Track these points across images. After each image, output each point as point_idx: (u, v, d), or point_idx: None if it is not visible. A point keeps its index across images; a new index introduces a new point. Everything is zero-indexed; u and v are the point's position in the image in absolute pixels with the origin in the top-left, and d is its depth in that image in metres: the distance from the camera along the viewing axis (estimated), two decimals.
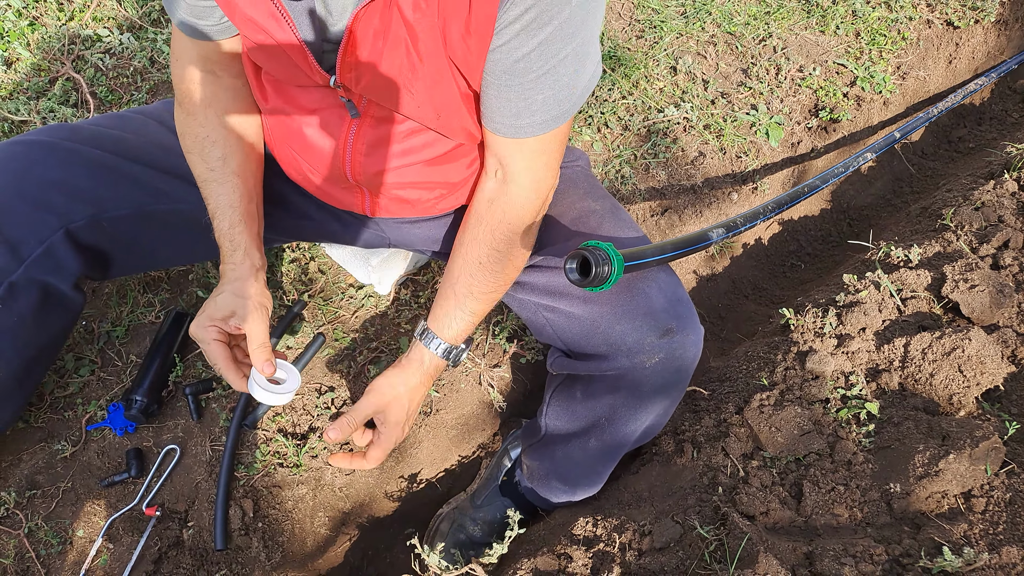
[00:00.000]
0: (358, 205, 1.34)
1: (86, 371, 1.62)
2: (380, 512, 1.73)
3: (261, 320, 1.17)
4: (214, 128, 1.22)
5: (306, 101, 1.17)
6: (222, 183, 1.22)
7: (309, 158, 1.25)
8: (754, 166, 2.21)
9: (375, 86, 1.07)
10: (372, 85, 1.07)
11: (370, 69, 1.05)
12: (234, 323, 1.17)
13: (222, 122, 1.23)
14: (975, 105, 2.76)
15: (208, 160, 1.22)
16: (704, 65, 2.38)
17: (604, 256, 1.07)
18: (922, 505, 1.36)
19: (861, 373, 1.57)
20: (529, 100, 1.06)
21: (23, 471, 1.50)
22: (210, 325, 1.16)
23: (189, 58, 1.20)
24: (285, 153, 1.30)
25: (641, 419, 1.32)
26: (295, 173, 1.33)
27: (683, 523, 1.35)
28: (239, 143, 1.25)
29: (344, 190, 1.30)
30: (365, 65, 1.04)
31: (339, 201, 1.35)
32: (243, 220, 1.22)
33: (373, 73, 1.05)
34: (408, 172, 1.23)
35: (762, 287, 2.28)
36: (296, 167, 1.31)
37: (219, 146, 1.22)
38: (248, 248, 1.21)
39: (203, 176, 1.23)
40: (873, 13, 2.56)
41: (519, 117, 1.08)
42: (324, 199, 1.37)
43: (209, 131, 1.22)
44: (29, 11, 2.22)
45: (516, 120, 1.09)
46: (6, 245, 1.19)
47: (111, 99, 2.04)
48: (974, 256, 1.77)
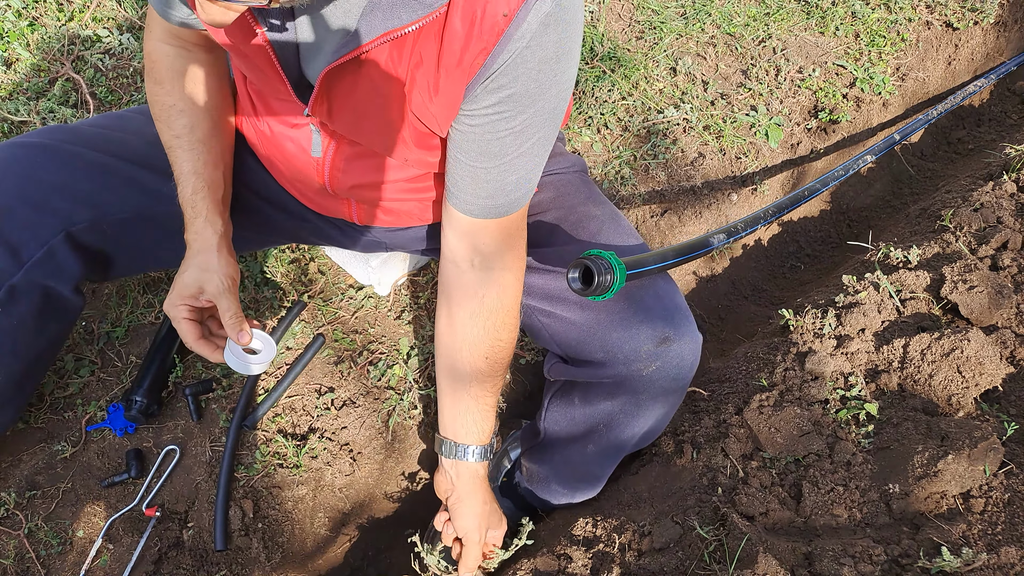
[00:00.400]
0: (346, 214, 1.35)
1: (86, 372, 1.62)
2: (380, 513, 1.74)
3: (230, 292, 1.17)
4: (180, 97, 1.22)
5: (286, 114, 1.18)
6: (187, 150, 1.21)
7: (291, 169, 1.26)
8: (754, 167, 2.21)
9: (345, 128, 1.09)
10: (343, 127, 1.09)
11: (340, 115, 1.06)
12: (204, 299, 1.17)
13: (190, 91, 1.23)
14: (974, 107, 2.77)
15: (174, 128, 1.21)
16: (704, 66, 2.38)
17: (606, 265, 1.07)
18: (921, 505, 1.37)
19: (860, 374, 1.58)
20: (503, 181, 1.07)
21: (23, 472, 1.50)
22: (180, 304, 1.17)
23: (162, 30, 1.20)
24: (271, 163, 1.31)
25: (639, 425, 1.32)
26: (284, 182, 1.34)
27: (683, 524, 1.35)
28: (206, 112, 1.24)
29: (330, 199, 1.31)
30: (337, 111, 1.06)
31: (328, 209, 1.35)
32: (206, 186, 1.21)
33: (343, 119, 1.07)
34: (389, 188, 1.24)
35: (762, 288, 2.29)
36: (282, 176, 1.32)
37: (186, 115, 1.21)
38: (210, 215, 1.20)
39: (168, 143, 1.22)
40: (872, 15, 2.57)
41: (494, 198, 1.09)
42: (315, 208, 1.37)
43: (176, 99, 1.21)
44: (29, 11, 2.22)
45: (491, 200, 1.09)
46: (7, 248, 1.19)
47: (111, 99, 2.04)
48: (973, 257, 1.77)
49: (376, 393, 1.68)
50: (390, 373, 1.69)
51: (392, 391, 1.69)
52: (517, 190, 1.09)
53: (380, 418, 1.66)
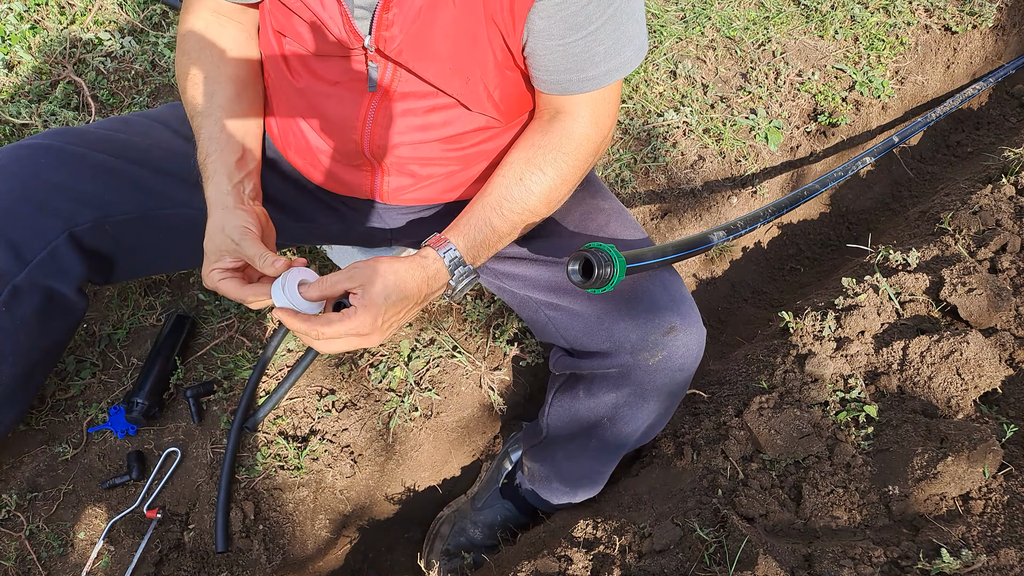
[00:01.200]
0: (366, 186, 1.32)
1: (87, 373, 1.62)
2: (380, 514, 1.74)
3: (246, 239, 1.12)
4: (203, 66, 1.22)
5: (328, 74, 1.17)
6: (206, 116, 1.21)
7: (326, 133, 1.25)
8: (753, 170, 2.21)
9: (408, 46, 1.08)
10: (406, 44, 1.08)
11: (406, 27, 1.05)
12: (231, 261, 1.14)
13: (214, 60, 1.23)
14: (973, 110, 2.77)
15: (195, 95, 1.22)
16: (703, 69, 2.39)
17: (606, 257, 1.08)
18: (920, 507, 1.37)
19: (860, 376, 1.58)
20: (592, 52, 1.09)
21: (24, 473, 1.50)
22: (209, 271, 1.14)
23: (202, 5, 1.23)
24: (297, 135, 1.30)
25: (642, 418, 1.32)
26: (303, 159, 1.33)
27: (683, 525, 1.35)
28: (228, 80, 1.24)
29: (354, 169, 1.29)
30: (401, 23, 1.05)
31: (346, 185, 1.33)
32: (219, 149, 1.20)
33: (408, 32, 1.06)
34: (424, 148, 1.23)
35: (761, 290, 2.29)
36: (306, 149, 1.30)
37: (207, 82, 1.22)
38: (216, 176, 1.18)
39: (191, 112, 1.23)
40: (871, 18, 2.58)
41: (583, 71, 1.11)
42: (330, 186, 1.35)
43: (199, 68, 1.22)
44: (31, 14, 2.23)
45: (581, 74, 1.12)
46: (10, 248, 1.19)
47: (112, 102, 2.05)
48: (972, 260, 1.78)
49: (377, 395, 1.69)
50: (391, 375, 1.70)
51: (393, 393, 1.69)
52: (607, 61, 1.11)
53: (381, 420, 1.66)
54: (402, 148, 1.22)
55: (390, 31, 1.06)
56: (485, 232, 1.17)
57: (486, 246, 1.18)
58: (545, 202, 1.21)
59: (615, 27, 1.09)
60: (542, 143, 1.18)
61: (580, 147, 1.19)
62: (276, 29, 1.19)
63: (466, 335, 1.80)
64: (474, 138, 1.25)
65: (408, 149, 1.23)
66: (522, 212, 1.19)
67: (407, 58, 1.09)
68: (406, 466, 1.72)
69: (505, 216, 1.18)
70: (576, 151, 1.19)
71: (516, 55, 1.13)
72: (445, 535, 1.69)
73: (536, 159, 1.18)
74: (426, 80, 1.13)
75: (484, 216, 1.17)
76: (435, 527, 1.73)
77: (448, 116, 1.19)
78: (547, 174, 1.18)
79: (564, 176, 1.20)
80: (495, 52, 1.10)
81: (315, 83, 1.20)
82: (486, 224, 1.17)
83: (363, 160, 1.26)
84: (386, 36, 1.07)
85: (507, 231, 1.20)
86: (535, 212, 1.20)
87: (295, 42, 1.17)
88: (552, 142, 1.18)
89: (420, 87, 1.15)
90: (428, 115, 1.19)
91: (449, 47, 1.08)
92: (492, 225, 1.17)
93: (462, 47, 1.08)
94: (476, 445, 1.85)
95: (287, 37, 1.18)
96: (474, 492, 1.75)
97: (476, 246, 1.16)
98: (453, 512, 1.73)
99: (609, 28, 1.08)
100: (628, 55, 1.13)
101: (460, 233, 1.15)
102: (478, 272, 1.19)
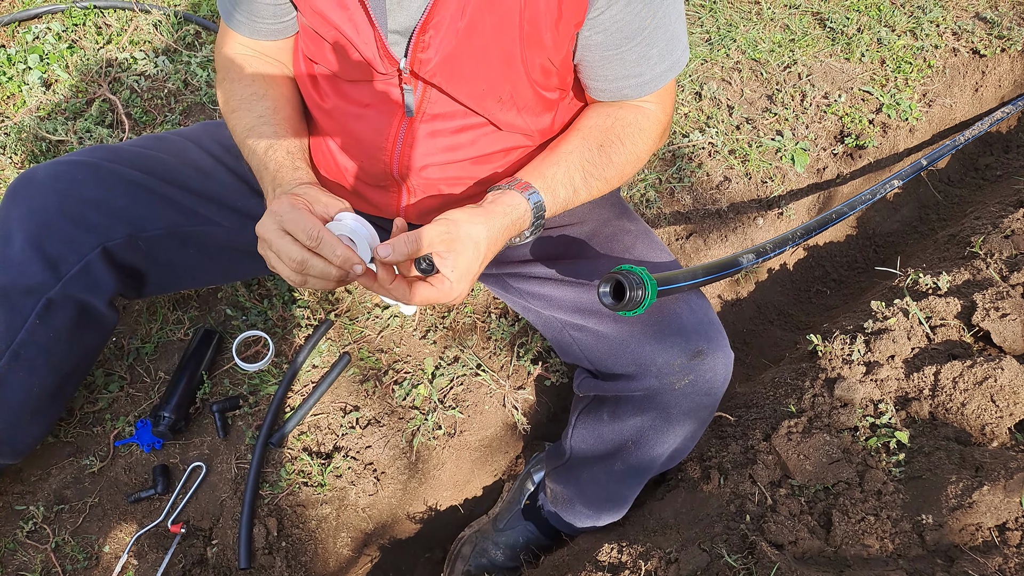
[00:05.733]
0: (393, 205, 1.32)
1: (115, 387, 1.63)
2: (402, 534, 1.73)
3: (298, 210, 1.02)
4: (260, 86, 1.23)
5: (359, 96, 1.19)
6: (269, 124, 1.19)
7: (355, 154, 1.26)
8: (780, 191, 2.20)
9: (443, 67, 1.09)
10: (441, 66, 1.09)
11: (442, 48, 1.07)
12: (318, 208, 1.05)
13: (269, 81, 1.25)
14: (1002, 133, 2.75)
15: (255, 110, 1.20)
16: (729, 91, 2.39)
17: (638, 280, 1.07)
18: (955, 537, 1.34)
19: (890, 401, 1.56)
20: (647, 55, 1.13)
21: (52, 485, 1.51)
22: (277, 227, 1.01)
23: (238, 46, 1.25)
24: (324, 155, 1.31)
25: (668, 442, 1.31)
26: (331, 178, 1.34)
27: (710, 551, 1.33)
28: (286, 100, 1.25)
29: (381, 189, 1.30)
30: (438, 44, 1.06)
31: (373, 204, 1.34)
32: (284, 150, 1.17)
33: (444, 53, 1.07)
34: (452, 168, 1.24)
35: (788, 313, 2.27)
36: (334, 169, 1.31)
37: (267, 99, 1.22)
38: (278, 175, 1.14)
39: (249, 126, 1.18)
40: (898, 41, 2.56)
41: (641, 75, 1.16)
42: (357, 205, 1.36)
43: (255, 88, 1.23)
44: (68, 34, 2.28)
45: (639, 79, 1.16)
46: (46, 262, 1.21)
47: (146, 120, 2.08)
48: (1005, 284, 1.75)
49: (401, 412, 1.68)
50: (415, 393, 1.70)
51: (417, 411, 1.69)
52: (662, 62, 1.16)
53: (404, 438, 1.66)
54: (431, 169, 1.23)
55: (426, 53, 1.07)
56: (568, 191, 1.16)
57: (563, 205, 1.17)
58: (618, 176, 1.22)
59: (665, 28, 1.12)
60: (619, 115, 1.21)
61: (654, 125, 1.23)
62: (307, 55, 1.21)
63: (490, 353, 1.79)
64: (503, 157, 1.25)
65: (437, 170, 1.24)
66: (599, 180, 1.19)
67: (442, 79, 1.10)
68: (428, 485, 1.71)
69: (587, 181, 1.18)
70: (651, 129, 1.22)
71: (559, 72, 1.15)
72: (466, 556, 1.68)
73: (615, 129, 1.20)
74: (459, 101, 1.13)
75: (569, 175, 1.16)
76: (456, 547, 1.72)
77: (476, 135, 1.20)
78: (625, 146, 1.20)
79: (638, 154, 1.22)
80: (530, 72, 1.11)
81: (344, 105, 1.21)
82: (570, 183, 1.16)
83: (390, 181, 1.27)
84: (422, 58, 1.08)
85: (583, 197, 1.19)
86: (609, 184, 1.21)
87: (325, 66, 1.18)
88: (628, 116, 1.21)
89: (450, 108, 1.16)
90: (457, 135, 1.20)
91: (484, 68, 1.09)
92: (575, 185, 1.17)
93: (496, 67, 1.09)
94: (499, 465, 1.84)
95: (318, 63, 1.19)
96: (496, 513, 1.74)
97: (558, 203, 1.16)
98: (475, 533, 1.72)
99: (660, 30, 1.12)
100: (679, 54, 1.17)
101: (548, 187, 1.14)
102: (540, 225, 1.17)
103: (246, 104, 1.21)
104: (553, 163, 1.16)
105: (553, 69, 1.14)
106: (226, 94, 1.24)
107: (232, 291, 1.77)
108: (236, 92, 1.23)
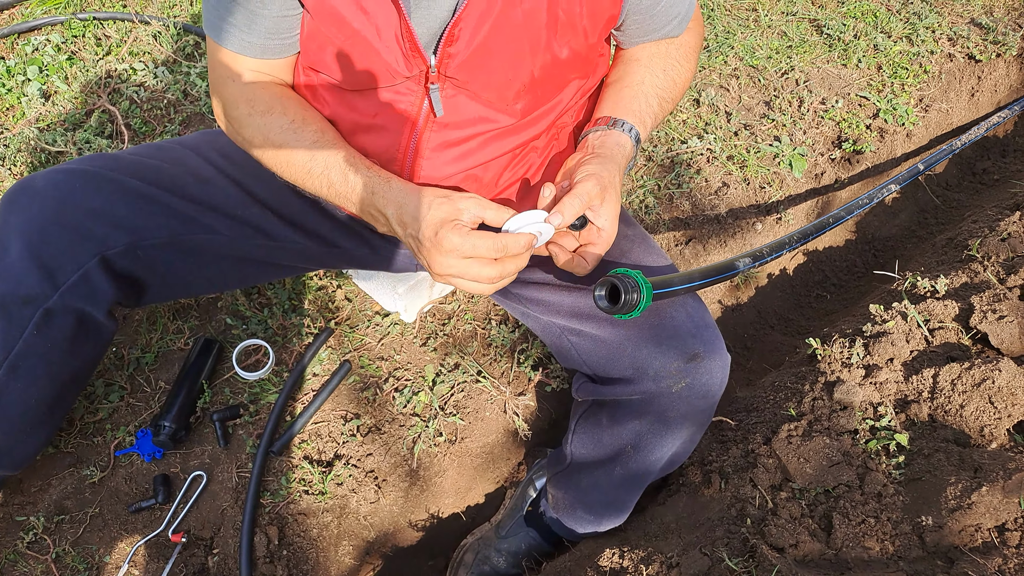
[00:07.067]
0: None
1: (115, 397, 1.63)
2: (404, 541, 1.73)
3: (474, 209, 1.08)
4: (297, 112, 1.19)
5: (366, 107, 1.17)
6: (331, 145, 1.17)
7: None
8: (778, 197, 2.21)
9: (469, 64, 1.09)
10: (466, 63, 1.09)
11: (470, 45, 1.07)
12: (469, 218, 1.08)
13: (303, 107, 1.21)
14: (999, 137, 2.76)
15: (306, 137, 1.17)
16: (727, 97, 2.40)
17: (633, 284, 1.08)
18: (955, 539, 1.34)
19: (890, 404, 1.56)
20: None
21: (52, 496, 1.51)
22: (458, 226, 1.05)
23: (248, 72, 1.19)
24: None
25: (667, 446, 1.31)
26: None
27: (711, 555, 1.33)
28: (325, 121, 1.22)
29: None
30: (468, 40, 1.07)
31: None
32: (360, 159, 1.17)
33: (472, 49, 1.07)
34: (460, 176, 1.24)
35: (788, 317, 2.27)
36: None
37: (312, 122, 1.18)
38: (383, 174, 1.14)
39: (308, 152, 1.17)
40: (895, 47, 2.58)
41: (679, 14, 1.24)
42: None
43: (294, 115, 1.18)
44: (68, 46, 2.29)
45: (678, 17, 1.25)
46: (44, 271, 1.21)
47: (145, 130, 2.09)
48: (1002, 287, 1.75)
49: (401, 420, 1.69)
50: (415, 400, 1.70)
51: (418, 418, 1.69)
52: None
53: (405, 445, 1.66)
54: (442, 179, 1.23)
55: (454, 47, 1.07)
56: (651, 119, 1.25)
57: (649, 132, 1.25)
58: (680, 95, 1.31)
59: None
60: (671, 40, 1.28)
61: (697, 39, 1.33)
62: (307, 65, 1.19)
63: (491, 360, 1.80)
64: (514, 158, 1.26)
65: (448, 180, 1.23)
66: (669, 102, 1.28)
67: (467, 75, 1.10)
68: (430, 492, 1.71)
69: (662, 105, 1.26)
70: (697, 44, 1.32)
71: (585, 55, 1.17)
72: (469, 563, 1.67)
73: (671, 52, 1.28)
74: (479, 94, 1.13)
75: (649, 104, 1.24)
76: (459, 555, 1.72)
77: (485, 139, 1.20)
78: (683, 66, 1.29)
79: (693, 69, 1.32)
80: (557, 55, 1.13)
81: (349, 115, 1.20)
82: (650, 111, 1.24)
83: None
84: (450, 52, 1.08)
85: (660, 120, 1.28)
86: (674, 103, 1.30)
87: (328, 75, 1.17)
88: (679, 39, 1.28)
89: (463, 116, 1.16)
90: (467, 143, 1.20)
91: (509, 58, 1.09)
92: (654, 112, 1.25)
93: (523, 56, 1.10)
94: (500, 471, 1.84)
95: (320, 72, 1.18)
96: (498, 520, 1.74)
97: (646, 131, 1.24)
98: (477, 540, 1.71)
99: None
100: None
101: (639, 120, 1.22)
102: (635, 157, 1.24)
103: (291, 136, 1.17)
104: (632, 96, 1.23)
105: (582, 52, 1.16)
106: (262, 131, 1.18)
107: (232, 300, 1.78)
108: (274, 123, 1.17)
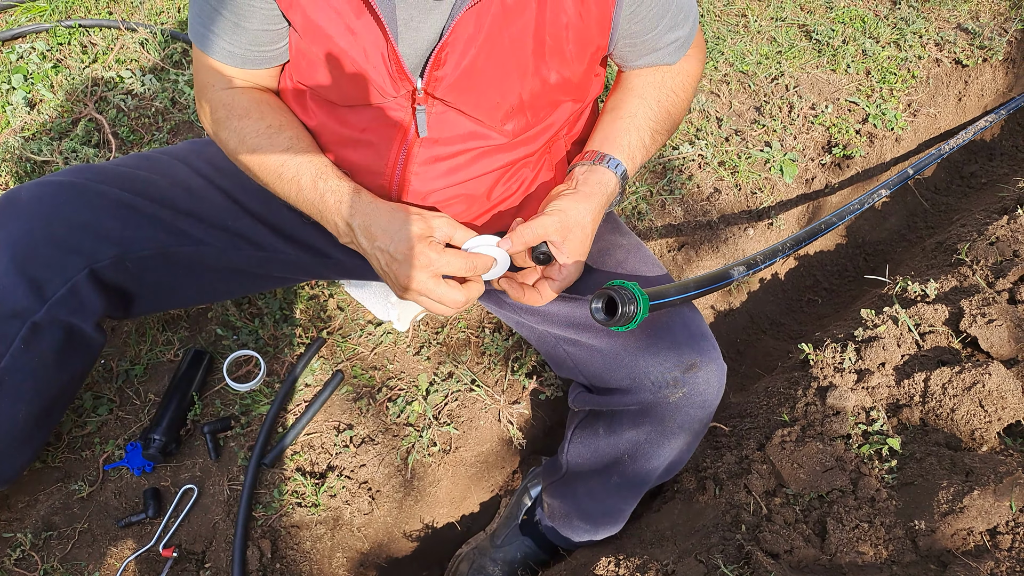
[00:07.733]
0: None
1: (104, 410, 1.62)
2: (398, 552, 1.72)
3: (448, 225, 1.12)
4: (274, 118, 1.19)
5: (356, 121, 1.17)
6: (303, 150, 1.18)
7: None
8: (769, 202, 2.22)
9: (457, 85, 1.09)
10: (455, 85, 1.09)
11: (458, 67, 1.07)
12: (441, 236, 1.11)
13: (280, 112, 1.21)
14: (986, 141, 2.78)
15: (279, 143, 1.18)
16: (718, 103, 2.41)
17: (630, 295, 1.08)
18: (948, 542, 1.34)
19: (882, 408, 1.56)
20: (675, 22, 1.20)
21: (40, 512, 1.49)
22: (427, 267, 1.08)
23: (231, 79, 1.20)
24: None
25: (664, 455, 1.31)
26: None
27: (706, 562, 1.33)
28: (301, 127, 1.22)
29: None
30: (456, 62, 1.07)
31: None
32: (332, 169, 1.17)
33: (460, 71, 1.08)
34: (450, 190, 1.24)
35: (780, 322, 2.28)
36: None
37: (287, 128, 1.19)
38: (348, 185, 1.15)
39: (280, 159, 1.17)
40: (883, 52, 2.59)
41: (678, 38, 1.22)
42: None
43: (270, 121, 1.19)
44: (53, 54, 2.27)
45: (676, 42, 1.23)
46: (31, 285, 1.19)
47: (132, 139, 2.07)
48: (991, 291, 1.76)
49: (395, 430, 1.68)
50: (409, 410, 1.69)
51: (411, 428, 1.68)
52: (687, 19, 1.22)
53: (399, 455, 1.65)
54: (431, 193, 1.23)
55: (441, 70, 1.07)
56: (641, 153, 1.23)
57: (638, 167, 1.24)
58: (676, 126, 1.29)
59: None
60: (667, 70, 1.25)
61: (697, 67, 1.30)
62: (298, 80, 1.19)
63: (484, 368, 1.79)
64: (504, 175, 1.26)
65: (438, 194, 1.23)
66: (663, 134, 1.26)
67: (455, 96, 1.10)
68: (424, 502, 1.70)
69: (654, 138, 1.25)
70: (696, 71, 1.29)
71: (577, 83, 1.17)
72: (464, 573, 1.66)
73: (667, 82, 1.25)
74: (468, 115, 1.13)
75: (640, 138, 1.22)
76: (454, 565, 1.71)
77: (474, 155, 1.20)
78: (679, 96, 1.26)
79: (690, 99, 1.29)
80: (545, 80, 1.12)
81: (339, 129, 1.20)
82: (642, 145, 1.23)
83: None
84: (437, 75, 1.08)
85: (652, 153, 1.26)
86: (669, 135, 1.28)
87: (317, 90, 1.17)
88: (678, 66, 1.26)
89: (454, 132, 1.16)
90: (455, 158, 1.20)
91: (497, 81, 1.09)
92: (645, 146, 1.23)
93: (510, 79, 1.10)
94: (495, 480, 1.83)
95: (309, 88, 1.18)
96: (493, 529, 1.73)
97: (635, 166, 1.23)
98: (472, 550, 1.71)
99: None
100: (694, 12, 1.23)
101: (627, 155, 1.21)
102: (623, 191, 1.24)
103: (263, 141, 1.18)
104: (623, 130, 1.21)
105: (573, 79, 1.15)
106: (237, 135, 1.19)
107: (222, 310, 1.76)
108: (249, 129, 1.18)
